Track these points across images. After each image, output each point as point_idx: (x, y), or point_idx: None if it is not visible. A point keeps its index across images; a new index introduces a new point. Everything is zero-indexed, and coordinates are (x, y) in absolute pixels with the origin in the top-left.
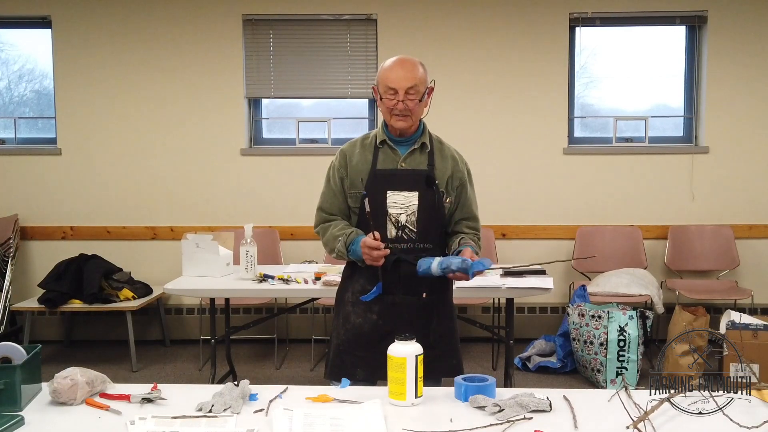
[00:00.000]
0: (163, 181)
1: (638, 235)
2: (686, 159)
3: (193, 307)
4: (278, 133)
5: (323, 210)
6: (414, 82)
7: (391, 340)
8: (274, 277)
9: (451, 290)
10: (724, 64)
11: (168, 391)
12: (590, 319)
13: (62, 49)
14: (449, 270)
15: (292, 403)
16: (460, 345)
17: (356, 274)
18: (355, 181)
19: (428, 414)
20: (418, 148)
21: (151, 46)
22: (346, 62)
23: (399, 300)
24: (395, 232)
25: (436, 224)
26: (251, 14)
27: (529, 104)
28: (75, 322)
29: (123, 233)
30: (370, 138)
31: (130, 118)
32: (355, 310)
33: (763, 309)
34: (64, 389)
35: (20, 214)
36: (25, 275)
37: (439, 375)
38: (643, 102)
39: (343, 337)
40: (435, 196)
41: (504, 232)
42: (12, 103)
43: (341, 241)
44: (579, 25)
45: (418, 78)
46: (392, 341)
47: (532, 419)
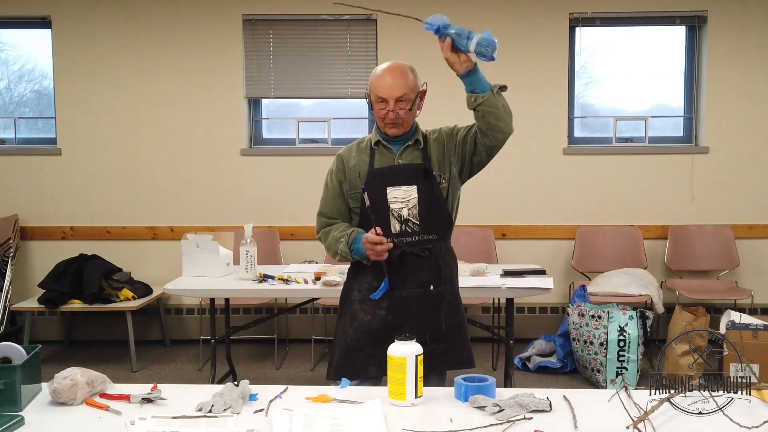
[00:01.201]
0: (163, 181)
1: (638, 235)
2: (686, 159)
3: (193, 307)
4: (278, 133)
5: (323, 215)
6: (404, 91)
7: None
8: (274, 277)
9: (457, 282)
10: (724, 64)
11: (168, 391)
12: (590, 319)
13: (62, 49)
14: (448, 31)
15: (292, 403)
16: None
17: (362, 272)
18: (353, 181)
19: (428, 414)
20: (412, 143)
21: (151, 46)
22: (346, 62)
23: (407, 293)
24: (399, 227)
25: (438, 215)
26: (251, 14)
27: (529, 104)
28: (75, 322)
29: (123, 233)
30: (365, 141)
31: (130, 118)
32: (363, 307)
33: (763, 309)
34: (64, 389)
35: (20, 214)
36: (25, 275)
37: (450, 367)
38: (643, 102)
39: (352, 335)
40: (434, 187)
41: (504, 232)
42: (12, 103)
43: (343, 242)
44: (579, 25)
45: (408, 86)
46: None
47: (532, 419)
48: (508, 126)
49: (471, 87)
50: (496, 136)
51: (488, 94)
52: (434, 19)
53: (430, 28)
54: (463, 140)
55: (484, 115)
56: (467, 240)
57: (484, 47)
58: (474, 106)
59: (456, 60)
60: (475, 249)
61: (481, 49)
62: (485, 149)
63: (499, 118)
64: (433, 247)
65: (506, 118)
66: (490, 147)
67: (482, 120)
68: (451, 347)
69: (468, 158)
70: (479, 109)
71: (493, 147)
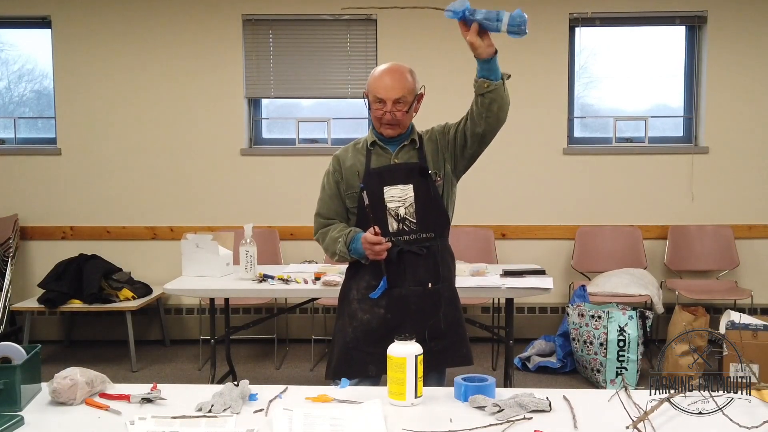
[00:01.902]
0: (163, 181)
1: (638, 235)
2: (686, 159)
3: (193, 307)
4: (278, 133)
5: (321, 215)
6: (402, 93)
7: (400, 333)
8: (273, 277)
9: (455, 280)
10: (724, 64)
11: (168, 391)
12: (590, 319)
13: (62, 49)
14: (475, 17)
15: (291, 403)
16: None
17: (360, 272)
18: (350, 181)
19: (428, 414)
20: (408, 143)
21: (151, 46)
22: (345, 62)
23: (405, 292)
24: (396, 225)
25: (435, 213)
26: (251, 14)
27: (529, 104)
28: (75, 322)
29: (123, 233)
30: (361, 142)
31: (130, 118)
32: (362, 306)
33: (762, 309)
34: (64, 389)
35: (20, 214)
36: (25, 275)
37: (450, 365)
38: (643, 102)
39: (351, 335)
40: (430, 185)
41: (504, 232)
42: (12, 103)
43: (341, 242)
44: (579, 25)
45: (406, 88)
46: (402, 334)
47: (531, 419)
48: (505, 115)
49: (486, 73)
50: (491, 124)
51: (499, 83)
52: (455, 5)
53: (453, 16)
54: (454, 136)
55: (490, 102)
56: (467, 240)
57: (517, 26)
58: (483, 92)
59: (480, 44)
60: (474, 249)
61: (513, 28)
62: (477, 138)
63: (501, 107)
64: (431, 245)
65: (506, 108)
66: (483, 135)
67: (485, 107)
68: (450, 345)
69: (459, 151)
70: (487, 96)
71: (485, 135)
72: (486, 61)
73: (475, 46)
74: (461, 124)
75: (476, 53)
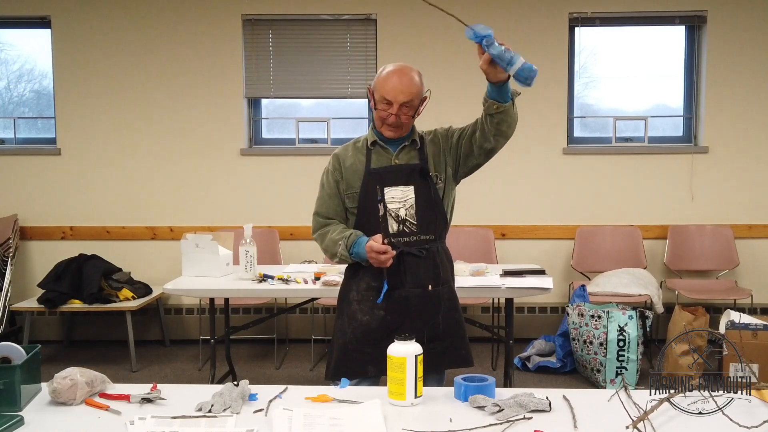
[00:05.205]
0: (162, 181)
1: (638, 235)
2: (686, 159)
3: (193, 307)
4: (278, 133)
5: (319, 215)
6: (410, 97)
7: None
8: (273, 277)
9: (454, 281)
10: (723, 64)
11: (167, 391)
12: (590, 319)
13: (62, 49)
14: (490, 51)
15: (291, 403)
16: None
17: (360, 272)
18: (350, 181)
19: (428, 414)
20: (408, 144)
21: (151, 46)
22: (345, 62)
23: (405, 293)
24: (396, 227)
25: (435, 215)
26: (251, 14)
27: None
28: (75, 322)
29: (122, 233)
30: (361, 141)
31: (130, 118)
32: (362, 307)
33: (762, 309)
34: (64, 389)
35: (20, 214)
36: (25, 275)
37: (450, 366)
38: (643, 102)
39: (351, 335)
40: (431, 187)
41: (504, 232)
42: (12, 103)
43: (342, 245)
44: (579, 25)
45: (414, 92)
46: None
47: (531, 419)
48: (513, 132)
49: (496, 95)
50: (500, 141)
51: (509, 105)
52: (478, 28)
53: (472, 38)
54: (457, 142)
55: (499, 122)
56: (467, 240)
57: (524, 78)
58: (492, 113)
59: (492, 72)
60: (474, 249)
61: (521, 77)
62: (484, 152)
63: (510, 126)
64: (430, 247)
65: (515, 126)
66: (490, 150)
67: (494, 125)
68: (449, 346)
69: (463, 160)
70: (496, 116)
71: (492, 150)
72: (497, 84)
73: (486, 74)
74: (468, 133)
75: (487, 78)
